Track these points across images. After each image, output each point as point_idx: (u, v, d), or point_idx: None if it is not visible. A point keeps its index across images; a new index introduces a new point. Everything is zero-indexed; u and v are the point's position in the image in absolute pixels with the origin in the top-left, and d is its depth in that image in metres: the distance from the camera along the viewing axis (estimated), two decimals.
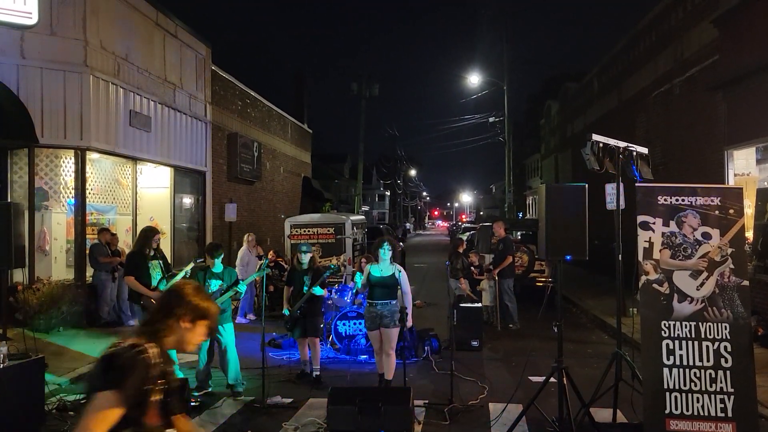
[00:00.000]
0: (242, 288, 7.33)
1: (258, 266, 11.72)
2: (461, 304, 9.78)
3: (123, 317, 10.95)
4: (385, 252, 6.88)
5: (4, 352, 5.74)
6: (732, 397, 5.05)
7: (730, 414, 5.03)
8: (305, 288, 7.56)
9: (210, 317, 2.60)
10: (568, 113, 26.34)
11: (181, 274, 7.52)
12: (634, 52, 16.13)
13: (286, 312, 7.73)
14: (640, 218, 5.41)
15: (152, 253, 7.53)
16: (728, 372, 5.08)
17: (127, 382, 2.21)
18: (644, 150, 6.12)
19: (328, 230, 13.57)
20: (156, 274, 7.48)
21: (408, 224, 74.88)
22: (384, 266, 6.90)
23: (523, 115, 51.35)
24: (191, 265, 7.52)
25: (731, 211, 5.31)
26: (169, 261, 8.06)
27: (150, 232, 7.60)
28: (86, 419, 2.17)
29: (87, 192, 10.94)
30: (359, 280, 7.19)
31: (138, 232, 12.33)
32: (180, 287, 2.61)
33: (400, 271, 6.92)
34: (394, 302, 6.85)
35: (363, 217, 20.61)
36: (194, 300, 2.54)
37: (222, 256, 7.37)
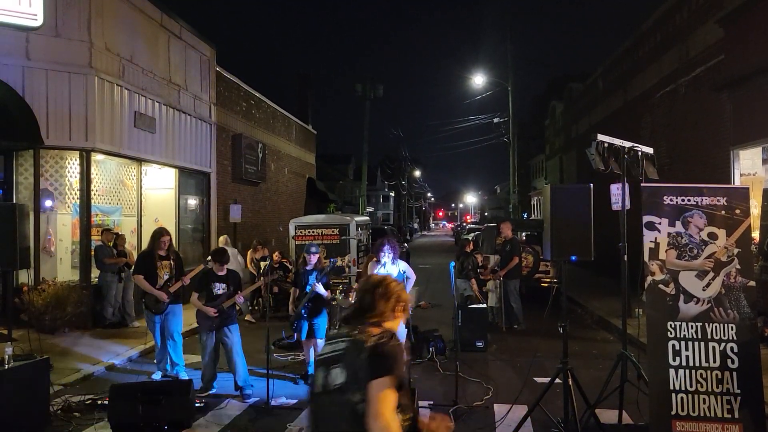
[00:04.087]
0: (240, 300, 7.37)
1: (262, 268, 11.73)
2: (471, 305, 9.75)
3: (127, 318, 10.98)
4: (385, 255, 6.98)
5: (9, 352, 5.75)
6: (738, 398, 5.01)
7: (736, 415, 4.99)
8: (308, 288, 7.58)
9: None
10: (573, 114, 26.28)
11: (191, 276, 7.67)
12: (639, 52, 16.08)
13: (291, 312, 7.74)
14: (646, 218, 5.38)
15: (164, 253, 7.74)
16: (735, 373, 5.05)
17: (397, 368, 2.50)
18: (650, 150, 6.10)
19: (333, 231, 13.56)
20: (164, 274, 7.68)
21: (415, 225, 74.94)
22: (387, 268, 6.99)
23: (527, 115, 51.30)
24: (202, 266, 7.64)
25: (737, 211, 5.28)
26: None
27: (158, 234, 7.82)
28: (376, 405, 2.42)
29: (92, 193, 10.96)
30: None
31: (143, 234, 12.48)
32: (385, 281, 2.87)
33: (403, 272, 7.05)
34: None
35: (367, 218, 20.58)
36: (401, 292, 2.85)
37: (229, 261, 7.42)
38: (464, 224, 57.58)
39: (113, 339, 9.84)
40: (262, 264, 12.00)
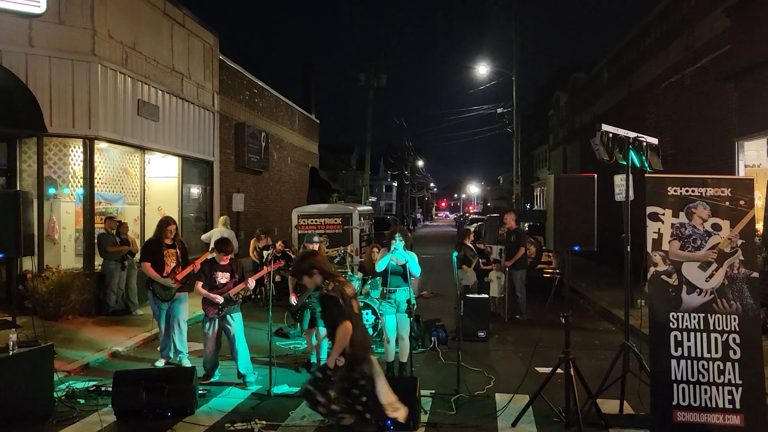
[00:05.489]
0: (251, 284, 7.32)
1: (265, 257, 11.74)
2: (469, 295, 9.77)
3: (130, 306, 11.02)
4: (398, 242, 6.99)
5: (14, 339, 5.78)
6: (740, 388, 5.02)
7: (737, 406, 5.01)
8: None
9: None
10: (577, 104, 26.18)
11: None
12: (645, 42, 15.97)
13: (293, 301, 7.74)
14: (650, 209, 5.37)
15: (170, 242, 7.78)
16: (736, 364, 5.06)
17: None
18: (654, 140, 6.07)
19: (336, 221, 13.57)
20: (171, 262, 7.72)
21: (418, 215, 74.97)
22: (398, 255, 7.00)
23: (531, 105, 51.13)
24: (209, 253, 7.67)
25: (741, 202, 5.26)
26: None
27: (165, 222, 7.85)
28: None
29: (95, 181, 10.97)
30: (382, 264, 7.23)
31: (146, 222, 12.50)
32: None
33: (411, 257, 7.08)
34: (406, 288, 7.08)
35: (370, 207, 20.60)
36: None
37: (232, 251, 7.40)
38: (466, 215, 57.57)
39: (117, 326, 9.88)
40: (265, 253, 12.01)
